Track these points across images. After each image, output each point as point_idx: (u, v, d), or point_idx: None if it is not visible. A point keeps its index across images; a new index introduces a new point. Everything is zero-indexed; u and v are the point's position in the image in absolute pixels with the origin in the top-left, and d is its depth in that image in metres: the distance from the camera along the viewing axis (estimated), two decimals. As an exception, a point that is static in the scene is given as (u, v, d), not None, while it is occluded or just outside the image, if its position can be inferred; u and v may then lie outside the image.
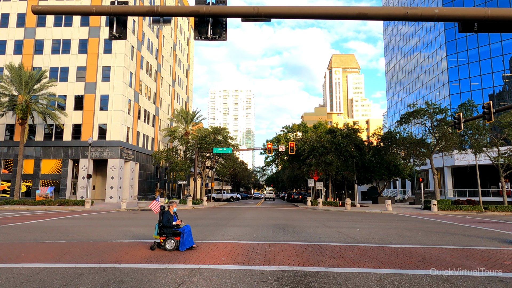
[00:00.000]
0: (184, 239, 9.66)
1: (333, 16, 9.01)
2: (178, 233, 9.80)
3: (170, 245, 9.65)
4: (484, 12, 8.64)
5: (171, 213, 9.99)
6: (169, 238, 9.71)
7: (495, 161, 33.82)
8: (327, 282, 6.73)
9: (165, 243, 9.72)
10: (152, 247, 9.85)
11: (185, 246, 9.67)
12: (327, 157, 38.85)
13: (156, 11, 9.18)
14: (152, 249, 9.77)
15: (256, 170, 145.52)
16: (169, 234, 9.77)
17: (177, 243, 9.69)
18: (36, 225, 17.10)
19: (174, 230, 9.80)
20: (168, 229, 9.79)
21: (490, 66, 50.07)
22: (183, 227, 9.87)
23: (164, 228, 9.82)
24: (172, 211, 10.08)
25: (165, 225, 9.80)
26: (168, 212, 9.95)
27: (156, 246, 9.90)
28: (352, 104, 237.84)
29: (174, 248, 9.64)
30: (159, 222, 9.93)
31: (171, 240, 9.67)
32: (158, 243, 9.93)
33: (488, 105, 19.93)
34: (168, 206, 10.16)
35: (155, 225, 10.14)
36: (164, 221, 9.79)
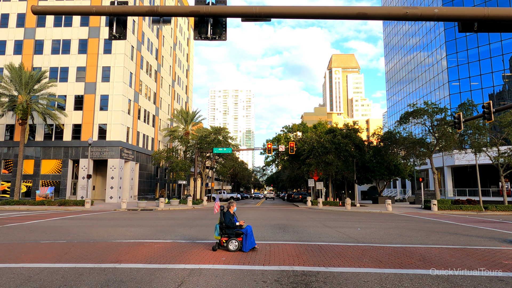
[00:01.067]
0: (248, 239, 9.52)
1: (333, 16, 9.01)
2: (240, 234, 9.65)
3: (233, 246, 9.51)
4: (484, 11, 8.64)
5: (231, 214, 9.86)
6: (232, 238, 9.59)
7: (495, 161, 33.82)
8: (327, 281, 6.73)
9: (228, 243, 9.57)
10: (213, 248, 9.74)
11: (248, 247, 9.52)
12: (327, 157, 38.85)
13: (156, 11, 9.18)
14: (214, 250, 9.65)
15: (256, 170, 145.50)
16: (232, 235, 9.63)
17: (240, 244, 9.55)
18: (36, 225, 17.10)
19: (236, 230, 9.67)
20: (231, 229, 9.65)
21: (490, 66, 50.07)
22: (246, 228, 9.73)
23: (226, 229, 9.67)
24: (232, 211, 9.95)
25: (228, 226, 9.66)
26: (229, 213, 9.82)
27: (217, 247, 9.78)
28: (352, 104, 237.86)
29: (237, 249, 9.51)
30: (220, 223, 9.78)
31: (234, 241, 9.53)
32: (218, 243, 9.80)
33: (488, 104, 19.93)
34: (228, 206, 10.01)
35: (215, 225, 9.99)
36: (227, 221, 9.64)
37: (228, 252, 9.54)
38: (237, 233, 9.68)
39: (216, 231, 9.84)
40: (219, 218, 9.96)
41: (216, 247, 9.77)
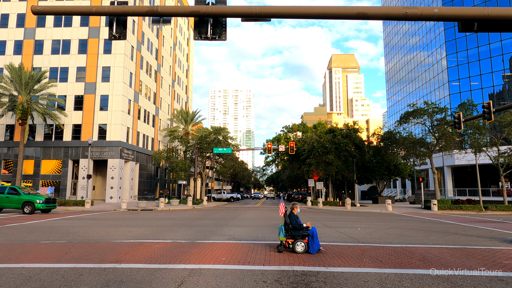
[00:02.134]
0: (314, 241, 9.47)
1: (333, 16, 9.02)
2: (306, 235, 9.57)
3: (301, 247, 9.43)
4: (484, 11, 8.64)
5: (295, 215, 9.80)
6: (298, 240, 9.50)
7: (495, 161, 33.82)
8: (327, 281, 6.73)
9: (295, 245, 9.48)
10: (279, 250, 9.65)
11: (316, 249, 9.46)
12: (327, 157, 38.85)
13: (156, 11, 9.18)
14: (279, 252, 9.57)
15: (256, 170, 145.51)
16: (298, 236, 9.55)
17: (306, 246, 9.48)
18: (36, 225, 17.10)
19: (302, 232, 9.60)
20: (297, 231, 9.59)
21: (490, 66, 50.07)
22: (312, 229, 9.66)
23: (293, 230, 9.61)
24: (296, 212, 9.88)
25: (295, 227, 9.59)
26: (293, 214, 9.77)
27: (282, 248, 9.69)
28: (352, 104, 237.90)
29: (304, 250, 9.42)
30: (286, 224, 9.72)
31: (301, 243, 9.45)
32: (283, 245, 9.72)
33: (488, 104, 19.92)
34: (292, 208, 9.93)
35: (279, 226, 9.92)
36: (293, 223, 9.59)
37: (289, 254, 9.53)
38: (303, 235, 9.60)
39: (281, 233, 9.74)
40: (283, 219, 9.89)
41: (282, 249, 9.67)
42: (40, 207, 25.07)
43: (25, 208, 24.88)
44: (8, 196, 25.30)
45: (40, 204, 25.04)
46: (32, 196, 25.41)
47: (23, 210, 24.92)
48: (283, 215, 10.00)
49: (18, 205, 25.15)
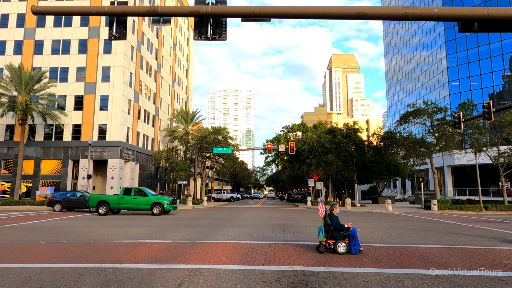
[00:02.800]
0: (355, 241, 9.47)
1: (333, 16, 9.02)
2: (347, 236, 9.56)
3: (343, 248, 9.43)
4: (484, 11, 8.64)
5: (335, 215, 9.80)
6: (340, 241, 9.50)
7: (495, 161, 33.82)
8: (327, 281, 6.73)
9: (336, 246, 9.47)
10: (320, 250, 9.63)
11: (357, 249, 9.46)
12: (327, 157, 38.85)
13: (156, 11, 9.18)
14: (321, 252, 9.55)
15: (256, 170, 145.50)
16: (339, 237, 9.55)
17: (348, 246, 9.46)
18: (37, 225, 17.10)
19: (343, 232, 9.59)
20: (339, 231, 9.58)
21: (490, 66, 50.08)
22: (352, 230, 9.66)
23: (334, 231, 9.60)
24: (335, 213, 9.87)
25: (337, 228, 9.58)
26: (333, 215, 9.77)
27: (323, 249, 9.67)
28: (352, 104, 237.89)
29: (346, 251, 9.42)
30: (326, 225, 9.70)
31: (342, 243, 9.46)
32: (323, 245, 9.69)
33: (488, 104, 19.92)
34: (331, 208, 9.92)
35: (318, 227, 9.92)
36: (335, 224, 9.59)
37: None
38: (344, 235, 9.58)
39: (321, 233, 9.71)
40: (323, 220, 9.87)
41: (323, 249, 9.65)
42: (169, 208, 24.75)
43: (155, 209, 24.41)
44: (136, 198, 24.81)
45: (168, 205, 24.72)
46: (159, 197, 25.00)
47: (152, 211, 24.44)
48: (323, 216, 9.96)
49: (146, 206, 24.57)
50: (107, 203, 24.85)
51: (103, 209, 24.69)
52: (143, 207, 24.67)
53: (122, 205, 24.80)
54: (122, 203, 24.77)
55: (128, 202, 24.74)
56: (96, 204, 24.82)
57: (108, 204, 24.81)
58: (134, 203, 24.69)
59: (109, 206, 24.80)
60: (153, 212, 24.43)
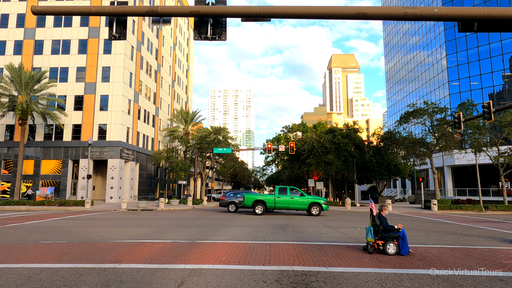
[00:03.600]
0: (405, 243, 9.43)
1: (332, 16, 9.02)
2: (396, 237, 9.51)
3: (393, 249, 9.38)
4: (484, 11, 8.64)
5: (384, 216, 9.77)
6: (389, 242, 9.45)
7: (495, 161, 33.82)
8: (327, 281, 6.73)
9: (386, 247, 9.42)
10: (369, 251, 9.59)
11: (407, 250, 9.41)
12: (327, 157, 38.85)
13: (156, 11, 9.18)
14: (370, 253, 9.52)
15: (256, 170, 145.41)
16: (389, 238, 9.49)
17: (397, 247, 9.41)
18: (37, 225, 17.10)
19: (393, 234, 9.54)
20: (388, 233, 9.54)
21: (490, 66, 50.08)
22: (402, 231, 9.60)
23: (384, 232, 9.57)
24: (384, 214, 9.84)
25: (387, 229, 9.54)
26: (382, 215, 9.74)
27: (372, 250, 9.62)
28: (352, 104, 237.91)
29: (396, 252, 9.36)
30: (375, 226, 9.66)
31: (392, 244, 9.41)
32: (372, 245, 9.65)
33: (488, 104, 19.93)
34: (381, 209, 9.90)
35: (366, 227, 9.90)
36: (385, 225, 9.56)
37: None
38: (393, 236, 9.53)
39: (369, 234, 9.69)
40: (371, 221, 9.83)
41: (372, 250, 9.61)
42: (326, 208, 24.11)
43: (313, 210, 23.93)
44: (293, 197, 24.21)
45: (326, 205, 24.10)
46: (316, 197, 24.54)
47: (311, 211, 23.89)
48: (370, 217, 9.95)
49: (304, 207, 23.94)
50: (263, 202, 24.32)
51: (259, 209, 24.18)
52: (300, 207, 24.04)
53: (278, 205, 24.25)
54: (278, 202, 24.21)
55: (285, 202, 24.18)
56: (252, 203, 24.37)
57: (265, 204, 24.30)
58: (291, 203, 24.10)
59: (266, 206, 24.31)
60: (311, 212, 23.78)
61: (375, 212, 9.84)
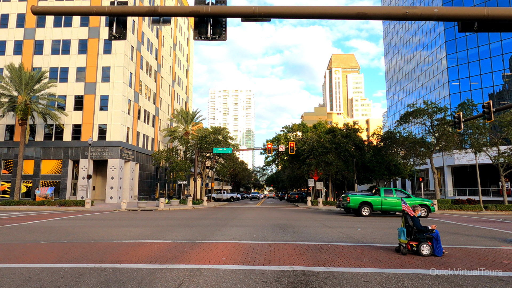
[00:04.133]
0: (438, 244, 9.42)
1: (332, 16, 9.02)
2: (430, 238, 9.48)
3: (427, 250, 9.36)
4: (484, 11, 8.64)
5: (417, 217, 9.75)
6: (423, 243, 9.42)
7: (495, 161, 33.83)
8: (327, 281, 6.73)
9: (420, 248, 9.40)
10: (402, 252, 9.52)
11: (441, 251, 9.39)
12: (327, 157, 38.85)
13: (156, 11, 9.18)
14: (403, 254, 9.47)
15: (256, 170, 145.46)
16: (423, 239, 9.47)
17: (431, 248, 9.40)
18: (36, 225, 17.10)
19: (426, 235, 9.52)
20: (422, 233, 9.52)
21: (490, 66, 50.08)
22: (436, 232, 9.58)
23: (417, 233, 9.53)
24: (416, 215, 9.81)
25: (421, 230, 9.51)
26: (415, 216, 9.71)
27: (406, 251, 9.56)
28: (352, 103, 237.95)
29: (430, 253, 9.35)
30: (408, 227, 9.63)
31: (426, 245, 9.39)
32: (404, 246, 9.59)
33: (488, 104, 19.93)
34: (414, 210, 9.84)
35: (399, 228, 9.85)
36: (418, 226, 9.53)
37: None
38: (427, 237, 9.50)
39: (402, 235, 9.65)
40: (403, 221, 9.79)
41: (405, 251, 9.54)
42: (433, 210, 23.80)
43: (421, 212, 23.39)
44: (399, 199, 23.76)
45: (433, 207, 23.80)
46: (422, 199, 24.08)
47: None
48: (402, 218, 9.90)
49: None
50: (370, 204, 24.02)
51: (366, 211, 23.82)
52: None
53: (385, 207, 23.94)
54: (385, 204, 23.91)
55: (392, 203, 23.85)
56: (358, 205, 24.02)
57: (371, 206, 24.01)
58: (398, 204, 23.66)
59: (372, 208, 24.02)
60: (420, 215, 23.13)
61: (411, 213, 9.77)
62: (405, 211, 9.86)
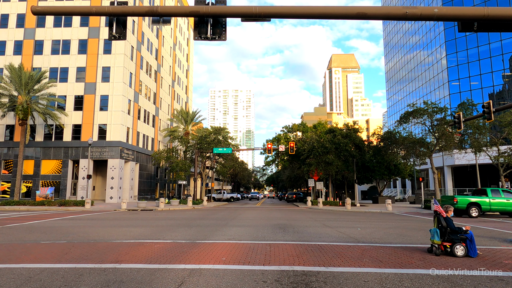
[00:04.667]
0: (473, 245, 9.34)
1: (332, 16, 9.02)
2: (464, 239, 9.39)
3: (461, 251, 9.27)
4: (484, 11, 8.64)
5: (450, 218, 9.68)
6: (457, 244, 9.33)
7: (495, 160, 33.84)
8: (327, 281, 6.73)
9: (454, 249, 9.31)
10: (436, 253, 9.45)
11: (475, 252, 9.32)
12: (327, 157, 38.85)
13: (156, 12, 9.18)
14: (437, 255, 9.40)
15: (256, 170, 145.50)
16: (457, 240, 9.38)
17: (466, 249, 9.31)
18: (37, 225, 17.10)
19: (460, 235, 9.43)
20: (456, 234, 9.44)
21: (490, 65, 50.09)
22: (470, 233, 9.50)
23: (451, 234, 9.46)
24: (449, 215, 9.76)
25: (455, 231, 9.44)
26: (448, 217, 9.65)
27: (439, 252, 9.48)
28: (352, 103, 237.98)
29: (464, 254, 9.27)
30: (442, 227, 9.56)
31: (460, 246, 9.31)
32: (438, 247, 9.53)
33: (488, 104, 19.93)
34: (446, 211, 9.80)
35: (431, 229, 9.78)
36: (452, 226, 9.47)
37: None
38: (461, 238, 9.42)
39: (435, 236, 9.57)
40: (436, 222, 9.73)
41: (439, 252, 9.47)
42: None
43: None
44: (509, 199, 23.62)
45: None
46: None
47: None
48: (434, 218, 9.85)
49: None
50: (478, 205, 23.96)
51: (474, 211, 23.78)
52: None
53: (494, 207, 23.92)
54: (494, 205, 23.90)
55: (501, 204, 23.80)
56: (466, 206, 23.99)
57: (480, 206, 23.96)
58: (508, 205, 23.60)
59: (481, 208, 23.97)
60: None
61: (444, 214, 9.70)
62: (437, 212, 9.77)
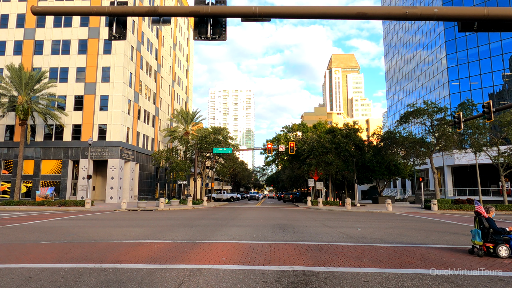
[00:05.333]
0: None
1: (332, 16, 9.02)
2: (507, 239, 9.30)
3: (505, 252, 9.20)
4: (484, 11, 8.64)
5: (492, 219, 9.62)
6: (501, 244, 9.25)
7: (495, 160, 33.82)
8: (327, 281, 6.73)
9: (497, 250, 9.24)
10: (479, 254, 9.34)
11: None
12: (327, 157, 38.85)
13: (156, 12, 9.18)
14: (480, 256, 9.30)
15: (256, 170, 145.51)
16: (500, 241, 9.29)
17: (509, 250, 9.22)
18: (37, 225, 17.10)
19: (503, 236, 9.35)
20: (499, 235, 9.37)
21: (490, 65, 50.08)
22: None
23: (494, 235, 9.38)
24: (491, 216, 9.69)
25: (498, 232, 9.37)
26: (490, 218, 9.58)
27: (482, 253, 9.36)
28: (352, 103, 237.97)
29: (508, 255, 9.19)
30: (484, 228, 9.47)
31: (504, 247, 9.22)
32: (481, 248, 9.43)
33: (488, 104, 19.93)
34: (488, 211, 9.71)
35: (472, 230, 9.69)
36: (495, 227, 9.41)
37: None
38: (504, 239, 9.33)
39: (477, 237, 9.49)
40: (477, 223, 9.66)
41: (482, 253, 9.34)
42: None
43: None
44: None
45: None
46: None
47: None
48: (475, 219, 9.78)
49: None
50: None
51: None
52: None
53: None
54: None
55: None
56: None
57: None
58: None
59: None
60: None
61: (486, 215, 9.62)
62: (478, 213, 9.69)
